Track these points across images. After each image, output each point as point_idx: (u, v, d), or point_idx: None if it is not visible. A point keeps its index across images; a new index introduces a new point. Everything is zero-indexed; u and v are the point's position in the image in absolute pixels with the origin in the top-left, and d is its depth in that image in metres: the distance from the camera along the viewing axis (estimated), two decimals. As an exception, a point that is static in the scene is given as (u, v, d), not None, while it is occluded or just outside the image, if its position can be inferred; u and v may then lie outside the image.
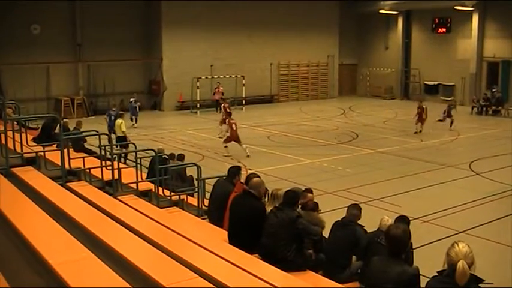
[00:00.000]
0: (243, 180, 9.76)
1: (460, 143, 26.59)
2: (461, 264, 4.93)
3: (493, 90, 36.57)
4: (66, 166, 10.67)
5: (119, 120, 21.14)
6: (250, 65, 37.89)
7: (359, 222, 8.71)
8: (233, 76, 36.82)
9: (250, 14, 37.30)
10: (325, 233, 8.72)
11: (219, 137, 25.10)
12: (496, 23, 38.47)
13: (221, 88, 35.12)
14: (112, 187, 10.89)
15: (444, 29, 41.30)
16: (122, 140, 19.51)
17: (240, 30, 37.54)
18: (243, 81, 36.97)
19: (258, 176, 9.05)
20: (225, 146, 22.13)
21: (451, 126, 29.44)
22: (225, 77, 36.15)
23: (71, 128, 16.88)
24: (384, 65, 44.89)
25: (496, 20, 38.41)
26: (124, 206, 9.77)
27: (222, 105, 27.10)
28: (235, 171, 10.30)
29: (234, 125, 22.08)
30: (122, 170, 11.26)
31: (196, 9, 35.06)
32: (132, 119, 29.00)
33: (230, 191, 9.59)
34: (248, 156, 21.47)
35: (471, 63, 39.54)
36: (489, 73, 39.58)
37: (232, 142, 22.01)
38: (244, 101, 36.98)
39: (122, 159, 15.62)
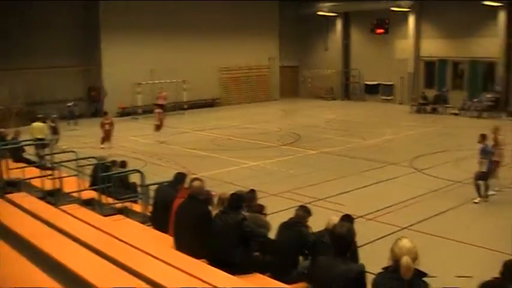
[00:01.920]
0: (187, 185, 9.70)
1: (401, 141, 27.09)
2: (405, 259, 5.03)
3: (443, 90, 37.38)
4: (5, 177, 10.42)
5: (39, 124, 21.37)
6: (191, 69, 37.64)
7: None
8: (174, 81, 36.57)
9: (190, 17, 37.11)
10: (272, 235, 8.74)
11: (162, 142, 25.06)
12: (432, 24, 39.44)
13: (164, 93, 34.87)
14: (54, 197, 10.68)
15: (382, 30, 42.09)
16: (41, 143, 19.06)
17: (181, 35, 37.27)
18: (185, 86, 36.80)
19: (200, 180, 9.01)
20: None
21: None
22: (166, 81, 35.87)
23: (9, 138, 16.49)
24: (325, 66, 45.39)
25: (431, 21, 39.37)
26: (67, 215, 9.60)
27: (156, 110, 27.14)
28: (180, 177, 10.23)
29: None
30: (63, 179, 11.05)
31: (136, 14, 34.60)
32: (69, 123, 30.07)
33: (173, 196, 9.52)
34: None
35: (409, 63, 40.41)
36: (426, 72, 40.54)
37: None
38: (186, 106, 36.81)
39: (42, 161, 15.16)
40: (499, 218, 15.18)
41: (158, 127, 26.30)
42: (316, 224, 8.85)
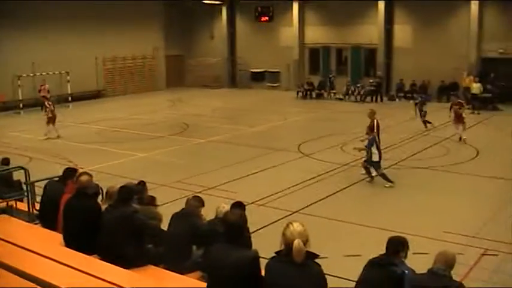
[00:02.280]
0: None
1: (288, 126, 27.61)
2: (296, 242, 5.13)
3: (330, 76, 38.27)
4: None
5: None
6: (74, 60, 36.46)
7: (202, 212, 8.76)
8: (57, 72, 35.44)
9: (73, 7, 35.82)
10: (164, 226, 8.68)
11: (48, 138, 24.25)
12: (315, 11, 40.39)
13: (47, 86, 33.69)
14: None
15: (267, 18, 42.57)
16: None
17: (64, 25, 35.91)
18: (68, 77, 35.73)
19: (88, 174, 8.81)
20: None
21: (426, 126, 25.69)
22: (48, 73, 34.67)
23: None
24: (211, 54, 45.41)
25: (315, 8, 40.35)
26: None
27: (46, 103, 26.00)
28: (69, 173, 9.92)
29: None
30: None
31: (14, 3, 33.02)
32: None
33: (61, 192, 9.25)
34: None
35: (294, 50, 41.17)
36: (311, 59, 41.47)
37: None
38: (70, 98, 35.74)
39: None
40: (385, 197, 15.83)
41: (51, 120, 25.09)
42: (209, 212, 8.87)
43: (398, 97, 36.05)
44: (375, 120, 17.19)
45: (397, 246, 6.60)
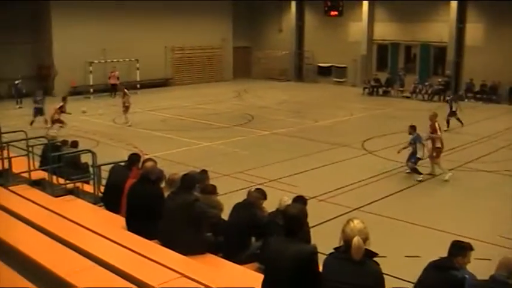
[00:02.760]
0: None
1: (353, 123, 27.37)
2: (356, 240, 5.09)
3: (400, 73, 37.75)
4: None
5: None
6: (144, 48, 37.19)
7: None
8: (127, 60, 36.17)
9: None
10: (225, 216, 8.75)
11: (128, 124, 24.75)
12: (385, 7, 39.79)
13: (117, 72, 34.54)
14: (2, 177, 10.47)
15: (336, 12, 42.17)
16: None
17: (135, 13, 36.64)
18: (137, 65, 36.41)
19: (153, 160, 8.96)
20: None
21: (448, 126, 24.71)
22: (118, 60, 35.44)
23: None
24: (278, 47, 45.36)
25: (385, 4, 39.71)
26: (16, 196, 9.44)
27: (125, 91, 26.35)
28: (135, 158, 10.11)
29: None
30: (12, 159, 10.84)
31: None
32: (17, 102, 29.84)
33: (126, 177, 9.44)
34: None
35: (362, 46, 40.71)
36: (379, 55, 40.96)
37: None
38: (139, 85, 36.43)
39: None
40: (447, 199, 15.54)
41: (127, 109, 25.58)
42: (269, 204, 8.89)
43: (468, 97, 35.15)
44: (436, 123, 17.03)
45: (460, 250, 6.47)
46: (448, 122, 24.56)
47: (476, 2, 35.48)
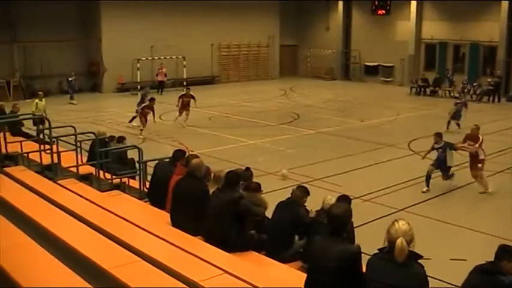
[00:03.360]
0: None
1: (399, 122, 27.07)
2: (399, 241, 5.05)
3: (448, 74, 37.21)
4: (3, 151, 10.41)
5: (42, 102, 21.76)
6: (191, 45, 37.48)
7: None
8: (174, 57, 36.49)
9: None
10: (268, 214, 8.76)
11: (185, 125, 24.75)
12: (433, 6, 39.22)
13: (164, 69, 34.90)
14: (51, 171, 10.67)
15: (383, 11, 41.82)
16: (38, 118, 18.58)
17: (181, 11, 36.97)
18: (184, 63, 36.71)
19: (197, 157, 9.03)
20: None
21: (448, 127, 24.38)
22: (165, 58, 35.80)
23: (8, 111, 16.44)
24: (325, 46, 45.19)
25: (433, 3, 39.14)
26: (64, 190, 9.61)
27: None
28: (179, 154, 10.22)
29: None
30: (61, 153, 11.05)
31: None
32: (71, 97, 30.69)
33: (171, 173, 9.53)
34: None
35: (409, 45, 40.26)
36: (427, 55, 40.44)
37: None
38: (185, 83, 36.64)
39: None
40: (494, 202, 15.25)
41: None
42: (313, 203, 8.88)
43: (518, 98, 34.48)
44: (481, 137, 16.00)
45: (507, 254, 6.34)
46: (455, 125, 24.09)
47: (529, 1, 34.73)
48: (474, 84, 34.98)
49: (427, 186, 15.73)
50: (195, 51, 37.86)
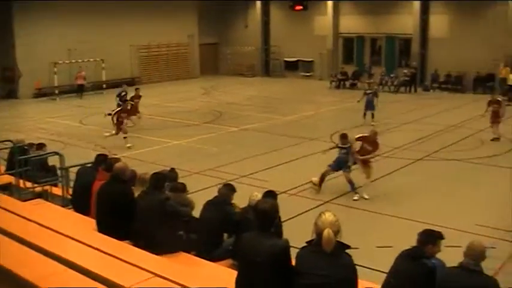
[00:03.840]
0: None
1: (321, 116, 27.49)
2: (326, 232, 5.12)
3: (366, 67, 37.93)
4: None
5: None
6: (109, 47, 36.87)
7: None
8: (92, 60, 35.79)
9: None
10: (196, 213, 8.73)
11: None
12: (349, 0, 40.00)
13: (83, 73, 34.18)
14: (-34, 183, 10.31)
15: (301, 7, 42.16)
16: None
17: (99, 13, 36.20)
18: (103, 65, 36.06)
19: (121, 160, 8.91)
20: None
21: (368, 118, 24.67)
22: (83, 61, 35.04)
23: None
24: (245, 43, 45.37)
25: (349, -3, 39.98)
26: (-18, 202, 9.29)
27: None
28: (101, 159, 10.05)
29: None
30: (-24, 164, 10.69)
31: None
32: None
33: (94, 178, 9.36)
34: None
35: (328, 39, 40.92)
36: (345, 48, 41.22)
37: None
38: (105, 85, 36.06)
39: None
40: (418, 189, 15.69)
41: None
42: (241, 200, 8.90)
43: (433, 88, 35.68)
44: (378, 142, 15.32)
45: (429, 238, 6.54)
46: (368, 117, 24.32)
47: (439, -6, 35.95)
48: (391, 75, 35.94)
49: (319, 186, 14.79)
50: (114, 53, 37.28)
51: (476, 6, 34.29)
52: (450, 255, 6.69)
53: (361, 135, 15.55)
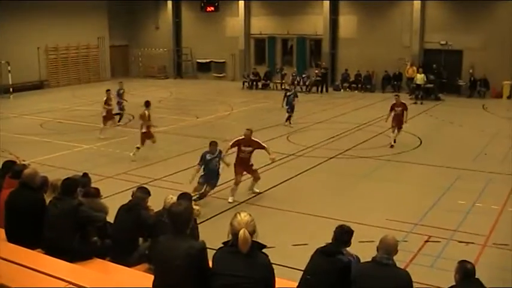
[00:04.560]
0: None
1: (234, 117, 27.58)
2: (242, 232, 5.14)
3: (278, 68, 38.27)
4: None
5: None
6: (15, 50, 35.69)
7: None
8: (-4, 62, 34.57)
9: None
10: (110, 218, 8.58)
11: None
12: (260, 2, 40.52)
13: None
14: None
15: (213, 8, 42.26)
16: None
17: (1, 13, 35.07)
18: (9, 67, 34.81)
19: (30, 167, 8.64)
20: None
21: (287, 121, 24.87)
22: (-13, 63, 33.81)
23: None
24: (156, 45, 45.05)
25: (260, -2, 40.39)
26: None
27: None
28: (8, 165, 9.70)
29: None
30: None
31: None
32: None
33: (1, 186, 9.01)
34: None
35: (240, 40, 41.17)
36: (257, 49, 41.58)
37: None
38: (11, 89, 34.85)
39: None
40: (330, 187, 16.00)
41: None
42: (155, 203, 8.82)
43: (344, 87, 36.57)
44: (258, 141, 15.33)
45: (343, 235, 6.71)
46: (289, 119, 24.34)
47: (347, -5, 36.87)
48: (303, 75, 36.53)
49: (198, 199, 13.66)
50: (21, 56, 36.13)
51: (383, 7, 35.47)
52: (364, 250, 6.86)
53: (235, 139, 15.40)
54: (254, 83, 37.94)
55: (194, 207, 12.84)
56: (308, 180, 16.58)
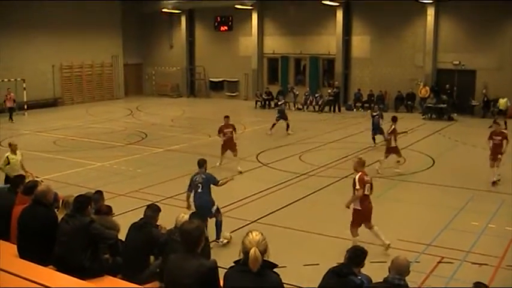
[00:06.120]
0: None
1: (246, 136, 27.57)
2: (253, 251, 5.14)
3: (289, 88, 38.34)
4: None
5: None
6: (30, 67, 36.09)
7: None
8: (12, 80, 34.79)
9: (28, 13, 35.48)
10: (122, 236, 8.59)
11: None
12: (274, 21, 40.67)
13: (12, 94, 32.61)
14: None
15: (226, 27, 42.66)
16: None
17: (19, 32, 35.45)
18: (24, 85, 35.10)
19: (43, 183, 8.67)
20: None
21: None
22: (3, 80, 34.01)
23: None
24: (169, 63, 45.32)
25: (273, 18, 40.61)
26: None
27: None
28: (18, 180, 9.75)
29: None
30: None
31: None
32: None
33: (12, 201, 9.02)
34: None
35: (253, 60, 41.31)
36: (269, 68, 41.70)
37: None
38: (26, 106, 35.09)
39: None
40: (342, 207, 15.92)
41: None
42: (167, 222, 8.82)
43: (356, 107, 36.55)
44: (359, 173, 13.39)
45: (356, 256, 6.67)
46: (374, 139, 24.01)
47: (361, 14, 37.00)
48: (316, 95, 36.55)
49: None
50: (36, 73, 36.54)
51: (396, 27, 35.52)
52: (376, 271, 6.82)
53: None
54: (267, 102, 38.01)
55: (226, 234, 13.10)
56: (320, 200, 16.51)
